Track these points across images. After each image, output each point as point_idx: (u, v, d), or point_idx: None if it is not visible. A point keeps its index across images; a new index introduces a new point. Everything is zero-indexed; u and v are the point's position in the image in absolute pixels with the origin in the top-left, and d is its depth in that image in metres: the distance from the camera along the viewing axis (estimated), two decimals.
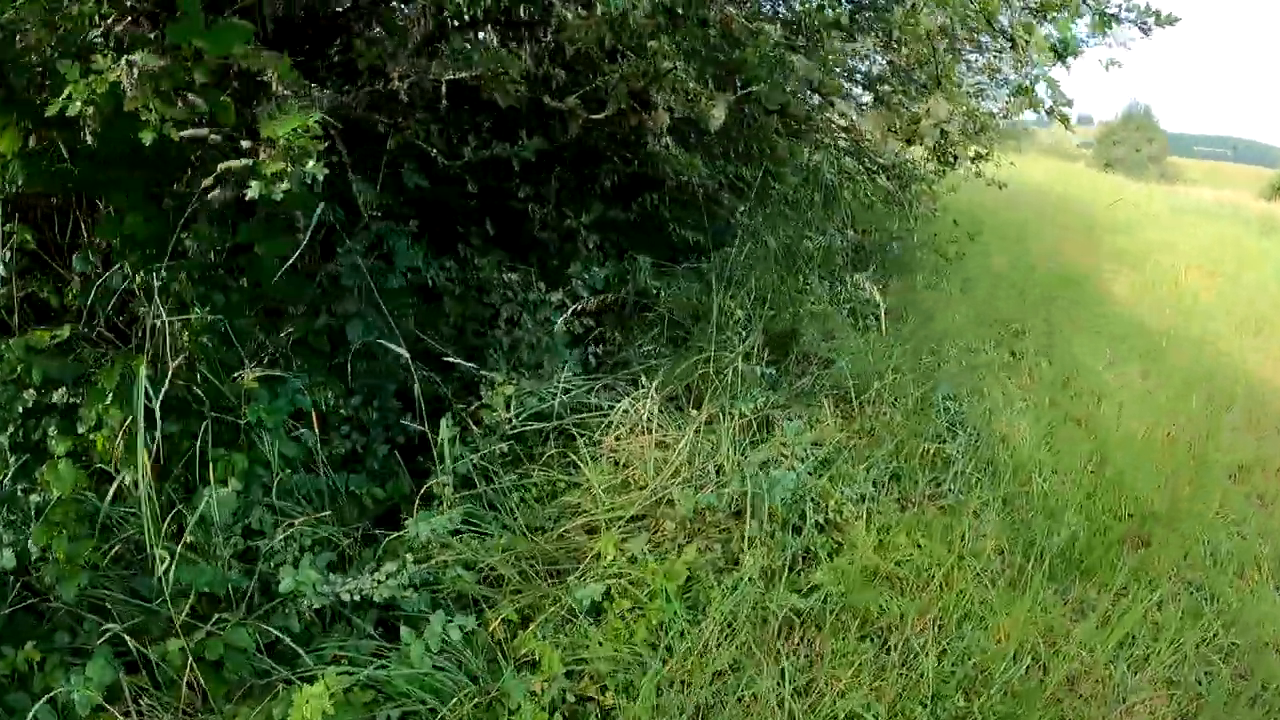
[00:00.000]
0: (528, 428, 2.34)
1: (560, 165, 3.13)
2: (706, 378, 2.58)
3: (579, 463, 2.30)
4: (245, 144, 1.45)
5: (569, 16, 1.95)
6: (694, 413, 2.43)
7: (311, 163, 1.36)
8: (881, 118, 2.37)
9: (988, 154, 5.70)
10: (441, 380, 2.77)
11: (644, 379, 2.43)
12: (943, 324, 4.02)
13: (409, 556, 1.97)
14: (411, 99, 2.02)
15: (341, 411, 2.53)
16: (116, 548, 1.96)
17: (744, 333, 2.77)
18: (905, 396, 3.24)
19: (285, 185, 1.38)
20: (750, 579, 2.21)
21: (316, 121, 1.40)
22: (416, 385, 2.50)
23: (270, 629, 1.85)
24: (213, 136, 1.53)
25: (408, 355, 2.15)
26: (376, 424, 2.60)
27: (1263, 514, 3.51)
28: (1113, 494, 3.29)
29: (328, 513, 2.09)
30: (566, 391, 2.35)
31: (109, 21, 1.91)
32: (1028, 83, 1.97)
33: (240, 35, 1.75)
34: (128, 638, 1.77)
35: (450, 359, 2.58)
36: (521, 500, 2.37)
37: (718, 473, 2.34)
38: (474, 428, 2.40)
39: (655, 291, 2.90)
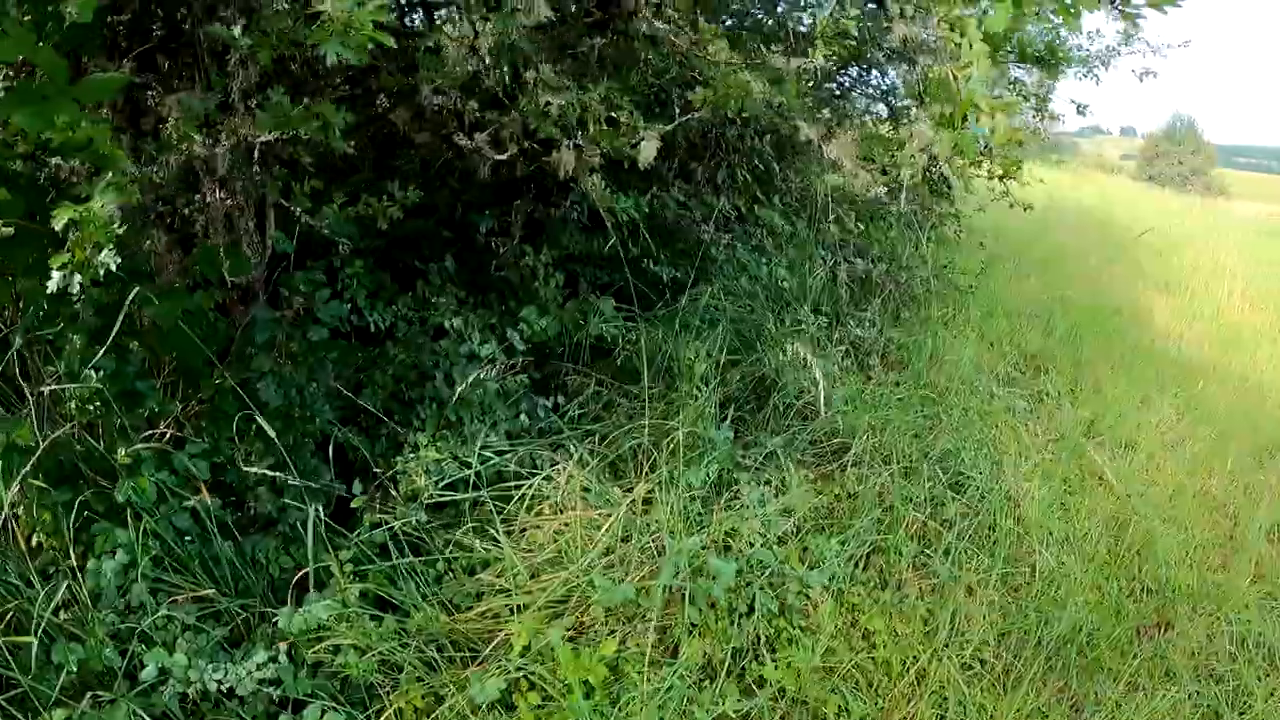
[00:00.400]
0: (444, 497, 2.13)
1: (521, 197, 2.91)
2: (658, 440, 2.33)
3: (499, 538, 2.08)
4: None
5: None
6: (630, 483, 2.18)
7: (105, 253, 1.18)
8: (854, 144, 2.09)
9: (1015, 172, 5.33)
10: (371, 438, 2.60)
11: (574, 444, 2.20)
12: (954, 363, 3.68)
13: (282, 646, 1.83)
14: (233, 161, 1.83)
15: (256, 472, 2.40)
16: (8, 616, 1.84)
17: (708, 386, 2.51)
18: (899, 453, 2.94)
19: (81, 279, 1.20)
20: (681, 675, 1.97)
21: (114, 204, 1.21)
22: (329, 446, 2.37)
23: (143, 711, 1.70)
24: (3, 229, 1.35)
25: (271, 431, 1.96)
26: (291, 487, 2.45)
27: None
28: (1132, 567, 2.95)
29: (210, 590, 1.93)
30: (484, 461, 2.13)
31: None
32: (949, 111, 1.44)
33: (108, 88, 1.58)
34: (9, 708, 1.67)
35: (379, 415, 2.39)
36: (448, 572, 2.18)
37: (659, 553, 2.10)
38: (393, 493, 2.21)
39: (610, 338, 2.66)
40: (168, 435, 2.28)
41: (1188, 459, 3.68)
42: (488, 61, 1.82)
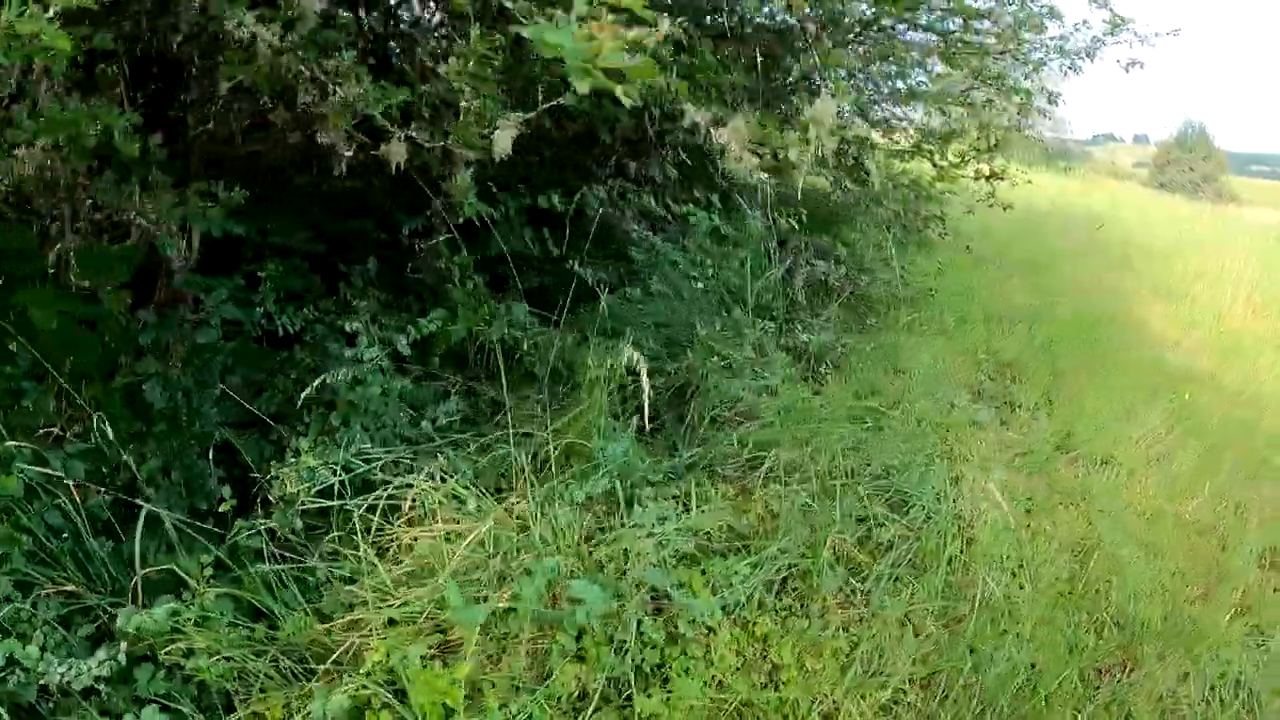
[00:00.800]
0: (315, 503, 1.91)
1: (436, 193, 2.67)
2: (540, 450, 2.06)
3: (364, 548, 1.85)
4: None
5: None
6: (511, 496, 1.91)
7: None
8: (749, 130, 1.79)
9: (1002, 172, 4.94)
10: (270, 442, 2.41)
11: (449, 453, 1.95)
12: (913, 371, 3.32)
13: (123, 644, 1.69)
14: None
15: (142, 475, 2.26)
16: None
17: (608, 393, 2.22)
18: (836, 468, 2.61)
19: None
20: (542, 704, 1.69)
21: None
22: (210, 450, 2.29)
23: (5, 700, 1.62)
24: None
25: (111, 433, 1.78)
26: (174, 489, 2.31)
27: None
28: (1097, 597, 2.55)
29: (80, 586, 1.82)
30: (356, 469, 1.90)
31: None
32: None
33: None
34: None
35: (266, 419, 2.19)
36: (329, 581, 1.96)
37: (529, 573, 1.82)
38: (272, 499, 2.01)
39: (514, 343, 2.39)
40: (64, 435, 2.19)
41: (1172, 476, 3.26)
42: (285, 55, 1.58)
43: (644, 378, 1.86)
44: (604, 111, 2.66)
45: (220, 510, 2.15)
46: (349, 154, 1.81)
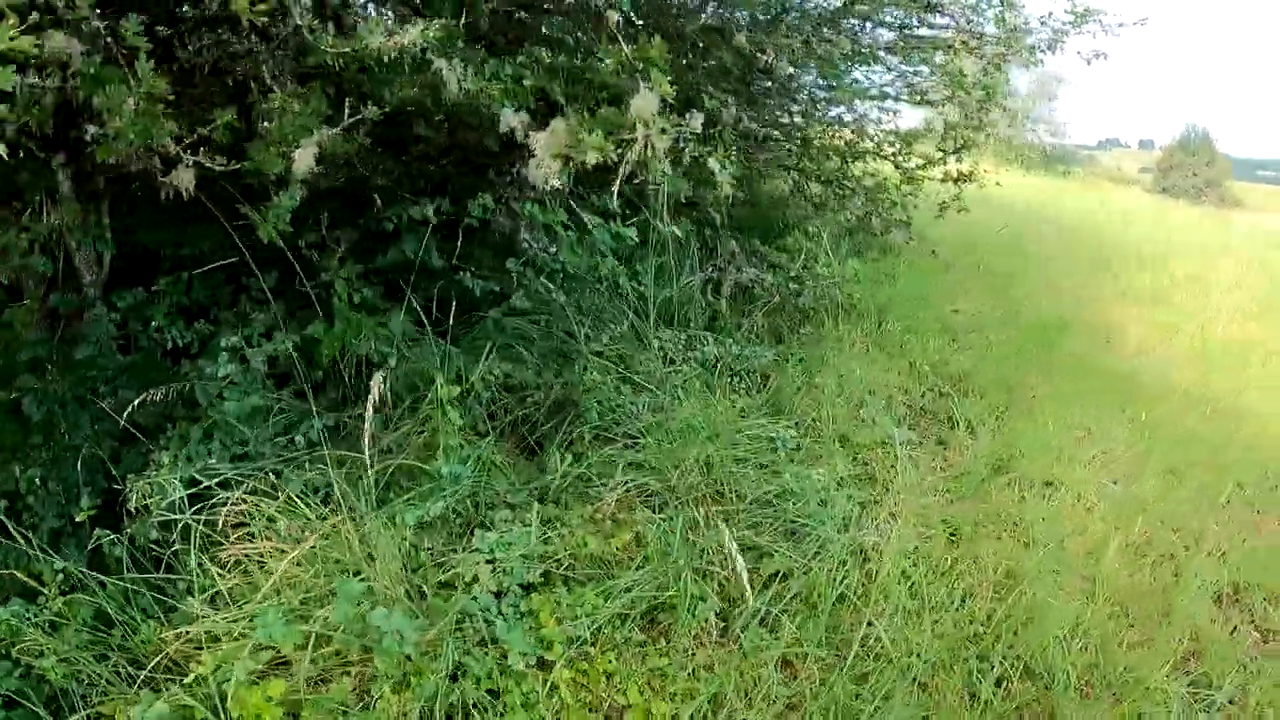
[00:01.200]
0: (163, 516, 1.78)
1: (324, 208, 2.49)
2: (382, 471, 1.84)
3: (202, 559, 1.70)
4: None
5: None
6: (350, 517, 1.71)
7: None
8: (566, 133, 1.55)
9: (970, 174, 4.57)
10: (139, 454, 2.28)
11: (282, 470, 1.76)
12: (840, 386, 2.99)
13: None
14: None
15: (23, 483, 2.22)
16: None
17: (461, 408, 1.99)
18: (722, 491, 2.32)
19: None
20: None
21: None
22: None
23: None
24: None
25: None
26: (51, 498, 2.22)
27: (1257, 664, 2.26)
28: (1014, 640, 2.19)
29: None
30: (193, 483, 1.74)
31: None
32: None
33: None
34: None
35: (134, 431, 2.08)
36: (189, 592, 1.83)
37: None
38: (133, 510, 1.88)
39: (380, 359, 2.18)
40: None
41: (1125, 500, 2.85)
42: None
43: (375, 387, 1.63)
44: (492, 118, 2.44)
45: (78, 520, 2.08)
46: (166, 179, 1.65)
